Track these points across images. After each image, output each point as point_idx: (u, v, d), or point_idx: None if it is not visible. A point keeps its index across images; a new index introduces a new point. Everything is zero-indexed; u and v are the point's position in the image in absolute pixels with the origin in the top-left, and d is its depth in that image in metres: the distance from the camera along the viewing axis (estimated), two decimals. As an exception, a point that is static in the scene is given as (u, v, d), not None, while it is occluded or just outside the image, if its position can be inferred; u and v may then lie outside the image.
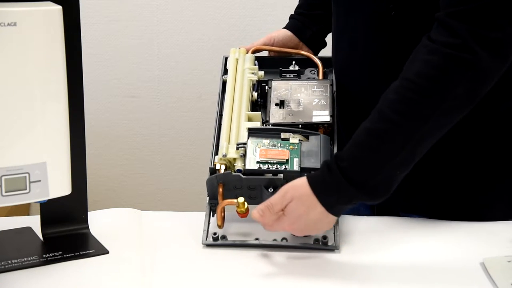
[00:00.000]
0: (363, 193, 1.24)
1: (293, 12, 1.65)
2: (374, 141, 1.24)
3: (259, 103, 1.48)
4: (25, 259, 1.28)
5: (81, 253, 1.30)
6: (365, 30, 1.39)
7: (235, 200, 1.32)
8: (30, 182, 1.21)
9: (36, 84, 1.18)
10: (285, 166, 1.33)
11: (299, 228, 1.28)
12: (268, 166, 1.33)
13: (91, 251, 1.31)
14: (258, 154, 1.34)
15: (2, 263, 1.26)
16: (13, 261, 1.27)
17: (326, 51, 1.61)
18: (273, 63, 1.55)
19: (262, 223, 1.29)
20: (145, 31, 2.49)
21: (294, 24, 1.60)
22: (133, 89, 2.55)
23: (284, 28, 1.60)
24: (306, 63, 1.56)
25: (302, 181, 1.27)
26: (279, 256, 1.32)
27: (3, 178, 1.19)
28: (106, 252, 1.31)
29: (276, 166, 1.33)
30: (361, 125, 1.27)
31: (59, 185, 1.24)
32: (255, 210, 1.29)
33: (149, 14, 2.48)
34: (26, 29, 1.15)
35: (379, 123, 1.24)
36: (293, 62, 1.55)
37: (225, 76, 1.51)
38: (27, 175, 1.21)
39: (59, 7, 1.18)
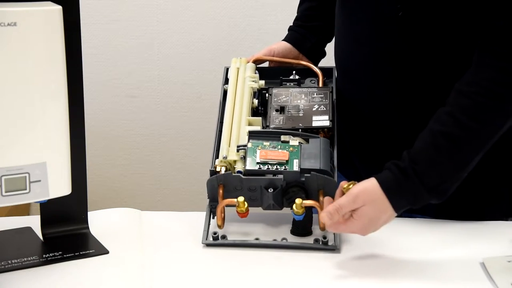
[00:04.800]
0: (434, 195, 1.26)
1: (293, 16, 1.65)
2: (451, 145, 1.26)
3: (260, 111, 1.49)
4: (25, 259, 1.28)
5: (81, 253, 1.30)
6: (371, 31, 1.39)
7: (235, 200, 1.32)
8: (30, 182, 1.21)
9: (36, 84, 1.18)
10: (285, 167, 1.33)
11: (368, 230, 1.28)
12: (268, 167, 1.33)
13: (91, 251, 1.31)
14: (258, 155, 1.34)
15: (2, 263, 1.26)
16: (13, 261, 1.27)
17: (326, 62, 1.61)
18: (274, 73, 1.55)
19: (329, 225, 1.28)
20: (145, 31, 2.49)
21: (293, 36, 1.61)
22: (133, 89, 2.55)
23: (283, 40, 1.61)
24: (306, 73, 1.56)
25: (373, 184, 1.27)
26: (279, 255, 1.32)
27: (3, 178, 1.19)
28: (106, 252, 1.31)
29: (276, 166, 1.33)
30: (433, 127, 1.28)
31: (59, 185, 1.24)
32: (323, 213, 1.27)
33: (149, 14, 2.48)
34: (26, 29, 1.15)
35: (455, 128, 1.26)
36: (294, 72, 1.55)
37: (226, 85, 1.51)
38: (27, 175, 1.21)
39: (59, 7, 1.18)
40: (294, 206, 1.31)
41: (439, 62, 1.36)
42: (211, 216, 1.37)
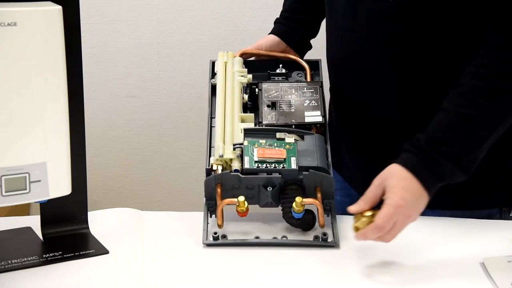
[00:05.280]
0: (458, 169, 1.27)
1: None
2: (468, 126, 1.28)
3: (248, 106, 1.49)
4: (25, 259, 1.28)
5: (81, 253, 1.31)
6: (365, 19, 1.39)
7: (235, 199, 1.32)
8: (30, 182, 1.21)
9: (36, 84, 1.18)
10: (283, 165, 1.34)
11: (409, 206, 1.25)
12: (266, 165, 1.34)
13: (91, 251, 1.31)
14: (256, 153, 1.35)
15: (2, 263, 1.26)
16: (13, 261, 1.27)
17: (311, 56, 1.62)
18: (260, 66, 1.56)
19: (370, 233, 1.25)
20: (145, 31, 2.49)
21: (281, 29, 1.61)
22: (133, 89, 2.55)
23: (270, 33, 1.61)
24: (292, 66, 1.57)
25: (393, 167, 1.27)
26: (280, 253, 1.32)
27: (3, 178, 1.19)
28: (106, 252, 1.31)
29: (274, 165, 1.34)
30: (448, 107, 1.29)
31: (59, 185, 1.24)
32: (351, 207, 1.28)
33: (149, 14, 2.48)
34: (26, 29, 1.15)
35: (472, 109, 1.28)
36: (280, 65, 1.56)
37: (213, 80, 1.52)
38: (27, 175, 1.21)
39: (59, 7, 1.18)
40: (294, 204, 1.31)
41: (432, 52, 1.36)
42: (209, 214, 1.37)
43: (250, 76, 1.51)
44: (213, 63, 1.57)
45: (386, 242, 1.26)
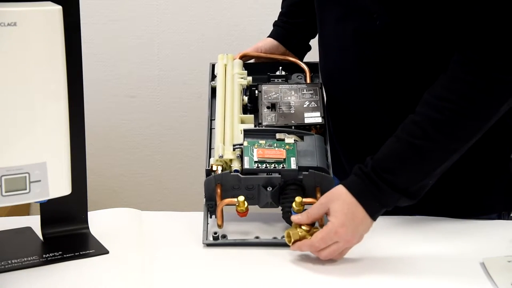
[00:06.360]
0: (403, 197, 1.28)
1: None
2: (417, 156, 1.27)
3: (248, 108, 1.49)
4: (25, 259, 1.28)
5: (81, 253, 1.31)
6: (354, 39, 1.39)
7: (235, 199, 1.32)
8: (30, 182, 1.21)
9: (36, 84, 1.18)
10: (283, 165, 1.34)
11: (348, 229, 1.27)
12: (266, 165, 1.34)
13: (91, 251, 1.31)
14: (256, 154, 1.35)
15: (2, 263, 1.26)
16: (13, 261, 1.27)
17: (310, 56, 1.62)
18: (260, 69, 1.56)
19: (309, 245, 1.29)
20: (145, 31, 2.49)
21: (279, 32, 1.61)
22: (133, 89, 2.55)
23: (269, 36, 1.61)
24: (292, 68, 1.57)
25: (340, 189, 1.29)
26: (280, 253, 1.32)
27: (3, 178, 1.19)
28: (106, 252, 1.31)
29: (274, 165, 1.34)
30: (400, 135, 1.29)
31: (59, 185, 1.24)
32: (293, 217, 1.31)
33: (149, 14, 2.48)
34: (26, 29, 1.15)
35: (423, 140, 1.27)
36: (280, 67, 1.56)
37: (213, 82, 1.52)
38: (27, 175, 1.21)
39: (59, 7, 1.18)
40: (294, 204, 1.31)
41: (416, 66, 1.36)
42: (209, 215, 1.37)
43: (250, 78, 1.52)
44: (213, 66, 1.57)
45: (322, 259, 1.29)
